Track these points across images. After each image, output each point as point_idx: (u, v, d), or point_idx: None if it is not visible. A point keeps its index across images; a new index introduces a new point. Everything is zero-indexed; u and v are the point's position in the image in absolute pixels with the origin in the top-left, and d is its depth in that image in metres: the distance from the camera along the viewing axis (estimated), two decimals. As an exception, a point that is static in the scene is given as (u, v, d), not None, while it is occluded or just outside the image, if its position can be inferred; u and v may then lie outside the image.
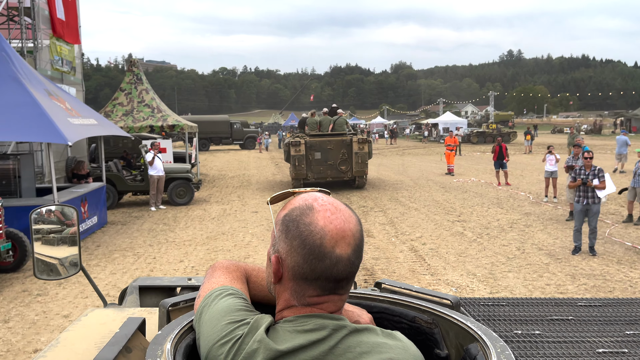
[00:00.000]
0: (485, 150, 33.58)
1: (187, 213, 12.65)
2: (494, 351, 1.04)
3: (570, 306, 2.09)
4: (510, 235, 9.52)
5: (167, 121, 16.95)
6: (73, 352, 1.23)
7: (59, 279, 2.00)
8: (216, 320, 1.01)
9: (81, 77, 20.30)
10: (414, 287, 1.43)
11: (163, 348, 1.00)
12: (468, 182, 17.39)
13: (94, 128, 10.04)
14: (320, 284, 0.98)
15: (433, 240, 9.41)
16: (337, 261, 0.96)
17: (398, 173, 20.93)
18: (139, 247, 9.25)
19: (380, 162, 27.17)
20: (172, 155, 16.90)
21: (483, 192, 14.96)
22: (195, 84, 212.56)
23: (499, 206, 12.63)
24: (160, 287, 1.83)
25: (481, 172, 20.88)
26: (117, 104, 17.57)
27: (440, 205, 12.94)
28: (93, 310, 1.54)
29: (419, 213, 12.02)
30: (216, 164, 27.70)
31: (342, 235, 0.96)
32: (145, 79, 18.41)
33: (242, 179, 20.22)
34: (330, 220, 0.97)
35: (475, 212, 11.90)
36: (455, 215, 11.66)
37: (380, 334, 0.99)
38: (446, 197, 14.19)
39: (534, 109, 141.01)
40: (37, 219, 1.89)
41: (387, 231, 10.27)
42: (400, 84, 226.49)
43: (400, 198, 14.29)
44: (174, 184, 13.60)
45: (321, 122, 16.35)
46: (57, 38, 17.33)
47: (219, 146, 43.42)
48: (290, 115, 71.18)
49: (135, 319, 1.17)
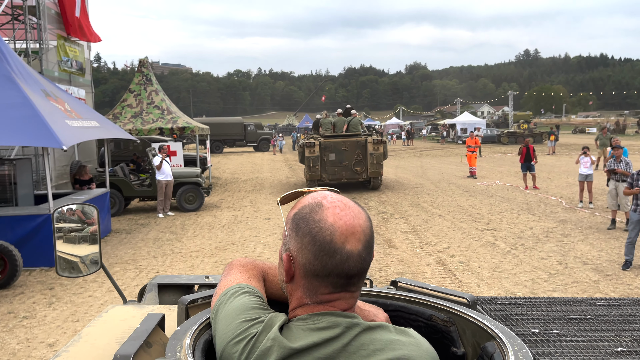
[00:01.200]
0: (506, 152, 32.51)
1: (196, 220, 11.94)
2: (511, 349, 1.01)
3: (589, 305, 2.04)
4: (548, 247, 8.63)
5: (177, 123, 16.29)
6: (95, 347, 1.25)
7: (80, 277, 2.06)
8: (231, 318, 1.01)
9: (90, 79, 19.77)
10: (430, 286, 1.42)
11: (182, 343, 1.00)
12: (492, 186, 16.47)
13: (95, 131, 9.37)
14: (332, 281, 0.97)
15: (462, 251, 8.57)
16: (348, 257, 0.95)
17: (417, 176, 20.05)
18: (142, 259, 8.53)
19: (398, 164, 26.29)
20: (182, 159, 16.22)
21: (510, 197, 14.05)
22: (210, 87, 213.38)
23: (529, 212, 11.73)
24: (179, 285, 1.87)
25: (505, 174, 19.91)
26: (126, 105, 16.96)
27: (465, 212, 12.07)
28: (114, 307, 1.58)
29: (443, 220, 11.17)
30: (229, 167, 27.05)
31: (352, 231, 0.96)
32: (155, 80, 17.77)
33: (255, 182, 19.51)
34: (340, 216, 0.97)
35: (505, 219, 11.01)
36: (483, 222, 10.79)
37: (393, 331, 0.98)
38: (471, 202, 13.31)
39: (552, 109, 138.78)
40: (58, 217, 1.93)
41: (411, 241, 9.45)
42: (415, 84, 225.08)
43: (422, 203, 13.44)
44: (183, 189, 12.91)
45: (335, 122, 16.24)
46: (66, 38, 16.79)
47: (233, 148, 42.86)
48: (305, 117, 70.50)
49: (155, 315, 1.15)
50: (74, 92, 17.09)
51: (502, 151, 32.96)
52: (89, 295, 6.73)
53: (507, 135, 41.51)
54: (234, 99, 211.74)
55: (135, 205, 14.19)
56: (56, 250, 1.85)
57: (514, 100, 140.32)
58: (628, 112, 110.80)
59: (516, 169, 21.28)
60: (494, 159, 27.44)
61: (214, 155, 37.77)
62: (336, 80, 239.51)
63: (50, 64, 16.63)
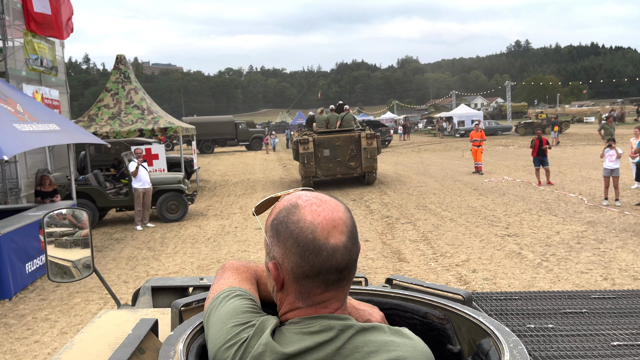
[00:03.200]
0: (507, 144, 31.32)
1: (178, 232, 10.65)
2: (507, 346, 1.01)
3: (584, 299, 1.99)
4: (584, 256, 7.41)
5: (159, 123, 14.99)
6: (87, 354, 1.23)
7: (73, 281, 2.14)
8: (222, 323, 1.00)
9: (65, 78, 18.38)
10: (425, 283, 1.41)
11: (176, 349, 0.99)
12: (502, 182, 15.25)
13: (53, 135, 8.06)
14: (323, 279, 0.95)
15: (484, 265, 7.33)
16: (334, 251, 0.94)
17: (419, 173, 18.80)
18: (110, 285, 7.24)
19: (397, 160, 25.05)
20: (165, 163, 14.91)
21: (524, 195, 12.82)
22: (202, 86, 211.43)
23: (550, 213, 10.51)
24: (173, 288, 1.83)
25: (512, 169, 18.69)
26: (103, 106, 15.64)
27: (479, 213, 10.84)
28: (107, 312, 1.55)
29: (456, 225, 9.94)
30: (219, 168, 25.73)
31: (333, 225, 0.95)
32: (134, 77, 16.44)
33: (246, 185, 18.21)
34: (318, 212, 0.96)
35: (526, 222, 9.79)
36: (501, 227, 9.56)
37: (388, 332, 0.96)
38: (483, 202, 12.08)
39: (545, 99, 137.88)
40: (49, 222, 1.91)
41: (422, 252, 8.21)
42: (408, 78, 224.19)
43: (429, 205, 12.20)
44: (164, 197, 11.61)
45: (329, 119, 16.18)
46: (34, 35, 15.41)
47: (224, 148, 41.52)
48: (298, 114, 69.13)
49: (148, 320, 1.14)
50: (45, 92, 15.73)
51: (504, 143, 31.75)
52: (36, 340, 5.45)
53: (524, 126, 39.54)
54: (226, 98, 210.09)
55: (113, 215, 12.87)
56: (47, 256, 1.83)
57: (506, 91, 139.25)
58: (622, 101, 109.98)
59: (523, 163, 20.12)
60: (496, 152, 26.22)
61: (205, 155, 36.43)
62: (328, 76, 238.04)
63: (19, 64, 15.29)
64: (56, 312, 6.26)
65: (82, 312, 6.18)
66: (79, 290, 7.06)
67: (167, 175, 12.04)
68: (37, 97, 15.13)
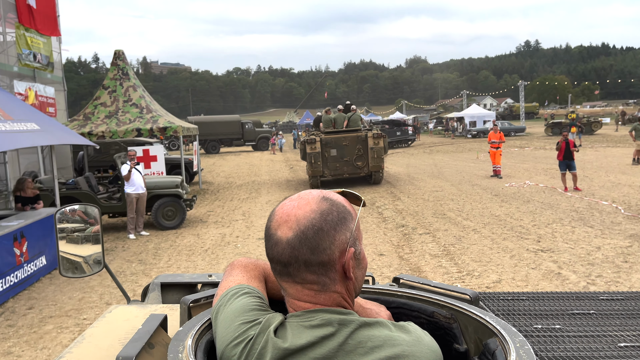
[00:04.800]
0: (522, 145, 30.21)
1: (174, 242, 9.73)
2: (513, 346, 1.00)
3: (592, 300, 1.94)
4: (637, 278, 6.40)
5: (158, 123, 14.08)
6: (98, 348, 1.25)
7: (84, 277, 2.02)
8: (230, 320, 1.01)
9: (62, 75, 17.58)
10: (433, 282, 1.41)
11: (184, 344, 0.99)
12: (524, 187, 14.22)
13: (30, 136, 7.15)
14: (274, 267, 1.00)
15: (520, 287, 6.35)
16: (277, 242, 0.97)
17: (433, 176, 17.79)
18: (89, 308, 6.33)
19: (408, 161, 24.05)
20: (164, 165, 14.01)
21: (552, 202, 11.80)
22: (210, 85, 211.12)
23: (585, 224, 9.49)
24: (182, 284, 1.85)
25: (532, 172, 17.64)
26: (99, 104, 14.74)
27: (504, 223, 9.85)
28: (117, 307, 1.57)
29: (480, 237, 8.95)
30: (224, 169, 24.84)
31: (286, 219, 0.98)
32: (133, 74, 15.55)
33: (251, 187, 17.29)
34: (283, 206, 1.00)
35: (559, 235, 8.79)
36: (532, 240, 8.56)
37: (392, 327, 0.96)
38: (507, 210, 11.07)
39: (556, 99, 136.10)
40: (61, 218, 1.93)
41: (446, 269, 7.24)
42: (416, 78, 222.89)
43: (448, 212, 11.22)
44: (160, 202, 10.70)
45: (336, 119, 16.36)
46: (27, 28, 14.56)
47: (230, 148, 40.65)
48: (305, 113, 68.21)
49: (158, 316, 1.14)
50: (39, 89, 14.88)
51: (518, 145, 30.62)
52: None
53: (552, 125, 37.90)
54: (234, 97, 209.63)
55: (106, 221, 11.97)
56: (59, 251, 1.86)
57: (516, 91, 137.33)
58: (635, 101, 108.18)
59: (543, 166, 19.08)
60: (512, 154, 25.13)
61: (210, 156, 35.59)
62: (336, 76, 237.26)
63: (12, 59, 14.46)
64: (22, 343, 5.34)
65: (52, 344, 5.27)
66: (53, 314, 6.15)
67: (163, 179, 11.12)
68: (30, 95, 14.29)
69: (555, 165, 18.97)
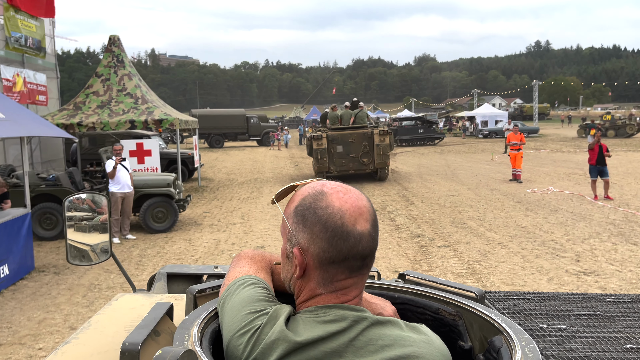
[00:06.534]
0: (538, 147, 28.99)
1: (162, 247, 8.69)
2: (519, 344, 1.00)
3: (599, 302, 1.90)
4: None
5: (154, 114, 13.04)
6: (104, 335, 1.25)
7: (91, 265, 2.03)
8: (237, 310, 1.00)
9: (55, 61, 16.53)
10: (438, 279, 1.39)
11: (190, 332, 1.00)
12: (548, 194, 13.09)
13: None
14: (349, 265, 0.96)
15: (567, 322, 5.25)
16: (360, 238, 0.95)
17: (447, 178, 16.67)
18: (48, 333, 5.28)
19: (419, 162, 22.92)
20: (159, 160, 12.96)
21: (582, 212, 10.67)
22: (217, 78, 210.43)
23: (627, 240, 8.37)
24: (187, 275, 1.84)
25: (554, 177, 16.48)
26: (92, 93, 13.73)
27: (533, 237, 8.74)
28: (123, 295, 1.56)
29: (509, 252, 7.85)
30: (227, 165, 23.79)
31: (360, 212, 0.96)
32: (129, 62, 14.50)
33: (252, 186, 16.23)
34: (345, 200, 0.97)
35: (600, 253, 7.67)
36: (570, 258, 7.45)
37: (404, 327, 0.96)
38: (534, 221, 9.96)
39: (567, 101, 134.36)
40: (69, 206, 1.95)
41: (473, 293, 6.13)
42: (424, 76, 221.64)
43: (468, 221, 10.12)
44: (149, 202, 9.65)
45: (342, 115, 16.43)
46: (17, 9, 13.53)
47: (235, 142, 39.60)
48: (312, 109, 67.19)
49: (164, 304, 1.13)
50: (28, 76, 13.86)
51: (533, 147, 29.38)
52: None
53: (585, 127, 35.78)
54: (241, 91, 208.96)
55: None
56: (67, 239, 1.87)
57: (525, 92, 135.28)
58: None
59: (565, 170, 17.94)
60: (528, 156, 23.89)
61: (214, 150, 34.58)
62: (344, 72, 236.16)
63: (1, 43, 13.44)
64: None
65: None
66: (3, 341, 5.10)
67: (153, 177, 10.07)
68: (18, 81, 13.27)
69: (578, 169, 17.84)
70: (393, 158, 24.27)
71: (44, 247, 8.89)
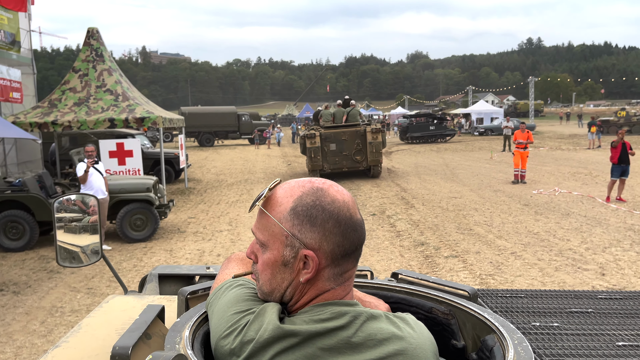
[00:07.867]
0: (537, 145, 28.30)
1: (140, 260, 7.83)
2: (511, 343, 0.99)
3: (591, 299, 1.87)
4: None
5: (135, 112, 12.14)
6: (94, 338, 1.23)
7: (81, 267, 1.93)
8: (223, 311, 0.97)
9: (31, 56, 15.58)
10: (431, 278, 1.39)
11: (182, 335, 0.98)
12: (556, 196, 12.33)
13: None
14: (357, 254, 0.97)
15: (605, 354, 4.47)
16: (362, 225, 0.96)
17: (447, 179, 15.90)
18: (-8, 373, 4.44)
19: (416, 160, 22.14)
20: (140, 161, 12.08)
21: (597, 216, 9.92)
22: (209, 76, 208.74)
23: (651, 248, 7.62)
24: (179, 276, 1.83)
25: (558, 176, 15.75)
26: (68, 89, 12.80)
27: (548, 244, 7.97)
28: (114, 297, 1.53)
29: (524, 264, 7.07)
30: (216, 165, 22.91)
31: (353, 202, 0.98)
32: (109, 56, 13.59)
33: (243, 187, 15.38)
34: (340, 192, 0.96)
35: (625, 264, 6.91)
36: (593, 271, 6.68)
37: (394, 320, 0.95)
38: (546, 226, 9.19)
39: (559, 97, 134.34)
40: (59, 207, 1.91)
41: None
42: (417, 73, 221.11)
43: (475, 227, 9.33)
44: (127, 209, 8.79)
45: (335, 113, 16.57)
46: (-12, 1, 12.59)
47: (226, 141, 38.67)
48: (305, 107, 66.21)
49: (155, 306, 1.11)
50: (1, 72, 12.92)
51: (532, 144, 28.66)
52: None
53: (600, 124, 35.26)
54: (233, 89, 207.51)
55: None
56: (56, 240, 1.82)
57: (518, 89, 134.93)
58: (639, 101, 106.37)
59: (568, 169, 17.22)
60: (527, 154, 23.20)
61: (203, 149, 33.67)
62: (337, 70, 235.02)
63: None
64: None
65: None
66: None
67: (131, 181, 9.19)
68: (-11, 77, 12.37)
69: (582, 168, 17.14)
70: (389, 157, 23.49)
71: (7, 260, 8.01)
